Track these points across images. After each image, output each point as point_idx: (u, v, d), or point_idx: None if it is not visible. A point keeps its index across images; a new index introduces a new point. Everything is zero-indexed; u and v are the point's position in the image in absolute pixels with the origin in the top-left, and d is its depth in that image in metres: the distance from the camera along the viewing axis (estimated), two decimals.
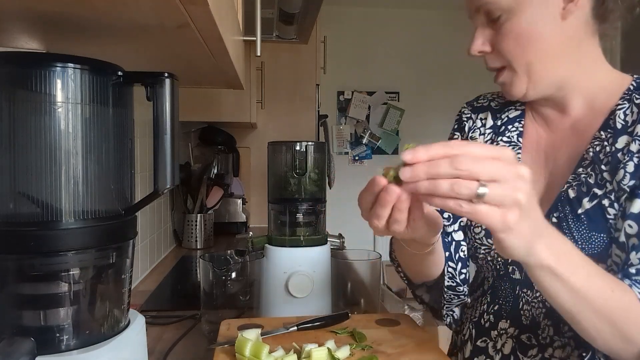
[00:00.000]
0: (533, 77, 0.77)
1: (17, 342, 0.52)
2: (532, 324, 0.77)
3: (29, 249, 0.54)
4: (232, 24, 0.91)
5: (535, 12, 0.74)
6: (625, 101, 0.76)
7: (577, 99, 0.80)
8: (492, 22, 0.77)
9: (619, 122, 0.74)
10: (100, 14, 0.61)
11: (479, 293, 0.89)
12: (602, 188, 0.72)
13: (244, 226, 2.63)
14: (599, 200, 0.72)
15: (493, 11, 0.75)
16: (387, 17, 4.49)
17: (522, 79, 0.77)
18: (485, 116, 0.92)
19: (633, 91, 0.77)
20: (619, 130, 0.74)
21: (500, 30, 0.76)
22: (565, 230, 0.73)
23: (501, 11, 0.75)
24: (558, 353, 0.74)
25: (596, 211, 0.71)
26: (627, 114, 0.74)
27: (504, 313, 0.81)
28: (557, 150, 0.81)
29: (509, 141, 0.86)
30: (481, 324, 0.84)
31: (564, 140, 0.81)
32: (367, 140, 4.54)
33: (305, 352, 0.77)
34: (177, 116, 0.62)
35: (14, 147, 0.54)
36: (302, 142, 1.09)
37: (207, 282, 1.07)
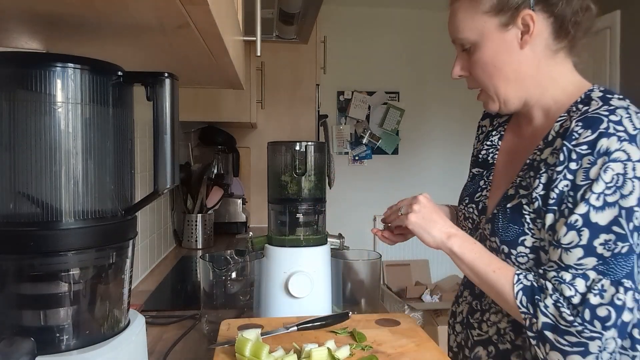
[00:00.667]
0: (501, 98, 0.90)
1: (17, 342, 0.52)
2: (480, 293, 0.95)
3: (29, 249, 0.54)
4: (232, 24, 0.91)
5: (496, 45, 0.87)
6: (566, 113, 0.85)
7: (538, 111, 0.92)
8: (465, 52, 0.91)
9: (552, 134, 0.85)
10: (100, 14, 0.61)
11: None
12: (526, 190, 0.86)
13: (244, 226, 2.63)
14: (519, 200, 0.86)
15: (464, 44, 0.90)
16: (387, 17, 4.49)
17: (494, 99, 0.91)
18: (486, 123, 1.09)
19: (577, 104, 0.85)
20: (549, 142, 0.85)
21: (471, 59, 0.90)
22: (497, 221, 0.89)
23: (469, 44, 0.89)
24: (493, 317, 0.92)
25: (516, 208, 0.86)
26: (562, 126, 0.83)
27: (468, 284, 1.01)
28: (520, 154, 0.93)
29: (491, 144, 1.03)
30: (457, 294, 1.07)
31: (525, 146, 0.93)
32: (367, 140, 4.54)
33: (305, 352, 0.77)
34: (177, 116, 0.62)
35: (14, 147, 0.54)
36: (302, 142, 1.09)
37: (207, 282, 1.07)
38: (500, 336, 0.90)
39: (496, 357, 0.90)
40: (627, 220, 0.75)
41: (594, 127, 0.77)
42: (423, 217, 0.89)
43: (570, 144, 0.79)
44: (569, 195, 0.78)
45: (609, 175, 0.75)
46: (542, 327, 0.77)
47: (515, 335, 0.88)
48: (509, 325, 0.89)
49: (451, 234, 0.88)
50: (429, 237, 0.88)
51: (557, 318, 0.76)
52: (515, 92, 0.89)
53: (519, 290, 0.80)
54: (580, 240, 0.76)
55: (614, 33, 3.38)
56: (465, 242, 0.88)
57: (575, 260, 0.77)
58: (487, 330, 0.93)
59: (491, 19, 0.86)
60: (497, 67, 0.88)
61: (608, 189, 0.75)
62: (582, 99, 0.85)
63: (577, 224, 0.76)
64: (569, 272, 0.77)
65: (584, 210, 0.76)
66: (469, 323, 0.97)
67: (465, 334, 0.98)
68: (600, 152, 0.76)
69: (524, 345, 0.86)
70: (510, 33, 0.86)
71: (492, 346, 0.91)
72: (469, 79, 0.93)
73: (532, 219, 0.84)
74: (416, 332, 0.91)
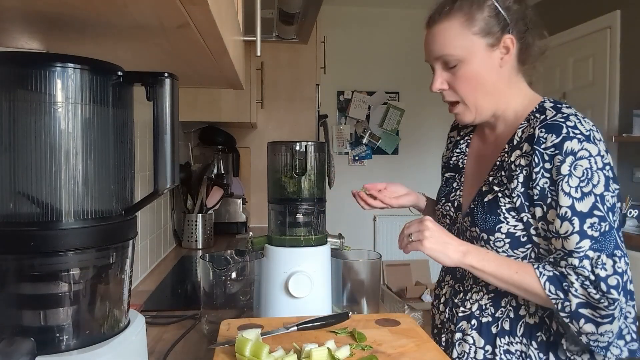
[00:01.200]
0: (478, 109, 1.04)
1: (17, 342, 0.52)
2: (461, 277, 1.12)
3: (29, 249, 0.54)
4: (232, 24, 0.91)
5: (482, 62, 1.00)
6: (526, 121, 1.01)
7: (501, 121, 1.07)
8: (449, 69, 1.02)
9: (516, 139, 1.00)
10: (100, 14, 0.61)
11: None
12: (499, 186, 1.01)
13: (244, 226, 2.63)
14: (495, 195, 1.01)
15: (450, 61, 1.01)
16: (387, 17, 4.49)
17: (472, 110, 1.04)
18: (454, 134, 1.25)
19: (534, 113, 1.01)
20: (515, 146, 1.00)
21: (455, 74, 1.02)
22: (476, 213, 1.03)
23: (456, 61, 1.00)
24: (474, 296, 1.07)
25: (494, 201, 1.01)
26: (524, 132, 0.99)
27: (449, 270, 1.17)
28: (486, 158, 1.10)
29: (460, 151, 1.19)
30: (439, 279, 1.22)
31: (490, 151, 1.10)
32: (367, 140, 4.54)
33: (305, 352, 0.77)
34: (177, 116, 0.62)
35: (14, 147, 0.54)
36: (302, 142, 1.09)
37: (207, 282, 1.07)
38: (482, 311, 1.05)
39: (477, 328, 1.05)
40: (602, 204, 0.91)
41: (557, 133, 0.93)
42: (437, 242, 0.96)
43: (540, 147, 0.94)
44: (551, 190, 0.93)
45: (579, 171, 0.91)
46: (576, 307, 0.89)
47: (494, 310, 1.04)
48: (489, 302, 1.05)
49: (466, 251, 0.97)
50: (446, 259, 0.96)
51: (587, 297, 0.89)
52: (489, 104, 1.04)
53: (546, 282, 0.92)
54: (574, 228, 0.91)
55: (614, 33, 3.38)
56: (480, 254, 0.97)
57: (575, 245, 0.91)
58: (470, 307, 1.07)
59: (480, 39, 0.99)
60: (480, 81, 1.01)
61: (582, 182, 0.91)
62: (537, 109, 1.01)
63: (567, 215, 0.91)
64: (573, 257, 0.91)
65: (569, 202, 0.91)
66: (453, 303, 1.11)
67: (450, 312, 1.12)
68: (567, 152, 0.91)
69: (502, 316, 1.03)
70: (495, 53, 1.00)
71: (475, 320, 1.06)
72: (447, 92, 1.05)
73: (507, 209, 0.99)
74: (416, 332, 0.91)
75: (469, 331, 1.06)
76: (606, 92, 3.44)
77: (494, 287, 1.02)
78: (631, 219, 2.99)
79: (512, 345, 1.01)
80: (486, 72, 1.01)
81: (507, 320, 1.02)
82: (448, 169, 1.20)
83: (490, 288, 1.04)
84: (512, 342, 1.01)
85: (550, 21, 4.39)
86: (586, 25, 3.62)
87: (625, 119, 3.26)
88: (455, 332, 1.09)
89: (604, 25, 3.46)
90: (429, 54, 1.05)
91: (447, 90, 1.05)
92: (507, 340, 1.02)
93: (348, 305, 1.12)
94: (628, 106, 3.24)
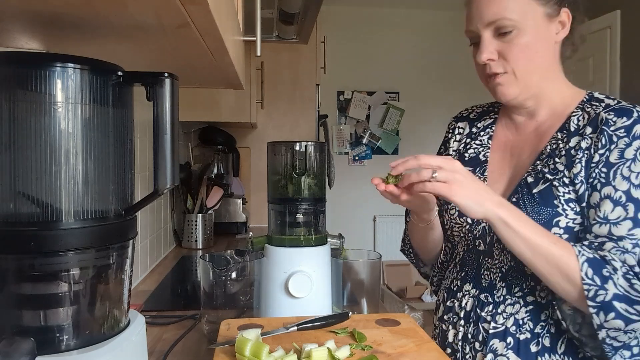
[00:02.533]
0: (527, 84, 0.95)
1: (17, 342, 0.52)
2: (489, 286, 0.98)
3: (29, 249, 0.54)
4: (232, 24, 0.91)
5: (539, 33, 0.92)
6: (579, 109, 0.95)
7: (544, 107, 0.99)
8: (501, 36, 0.93)
9: (572, 126, 0.94)
10: (100, 14, 0.61)
11: (452, 265, 1.10)
12: (553, 175, 0.92)
13: (244, 226, 2.63)
14: (550, 184, 0.91)
15: (506, 26, 0.92)
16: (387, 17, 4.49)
17: (520, 83, 0.95)
18: (464, 125, 1.14)
19: (585, 102, 0.96)
20: (572, 132, 0.94)
21: (510, 42, 0.92)
22: (523, 207, 0.92)
23: (512, 27, 0.91)
24: (509, 309, 0.94)
25: (547, 191, 0.91)
26: (580, 119, 0.94)
27: (469, 278, 1.02)
28: (522, 149, 1.01)
29: (481, 144, 1.08)
30: (451, 288, 1.06)
31: (527, 141, 1.01)
32: (367, 140, 4.55)
33: (305, 352, 0.77)
34: (177, 116, 0.62)
35: (14, 147, 0.54)
36: (302, 142, 1.09)
37: (207, 282, 1.07)
38: (519, 327, 0.93)
39: (515, 347, 0.92)
40: None
41: (628, 115, 0.88)
42: (469, 188, 0.83)
43: (609, 129, 0.88)
44: (601, 172, 0.87)
45: None
46: (612, 298, 0.81)
47: (533, 325, 0.92)
48: (527, 315, 0.93)
49: (500, 202, 0.85)
50: (479, 208, 0.83)
51: (629, 290, 0.81)
52: (538, 81, 0.95)
53: (584, 262, 0.82)
54: (627, 214, 0.84)
55: (614, 33, 3.38)
56: (516, 211, 0.86)
57: (627, 232, 0.84)
58: (503, 322, 0.94)
59: (539, 7, 0.92)
60: (535, 53, 0.93)
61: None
62: (589, 99, 0.96)
63: (622, 200, 0.85)
64: (625, 241, 0.83)
65: (626, 187, 0.85)
66: (479, 317, 0.97)
67: (474, 328, 0.97)
68: (636, 136, 0.87)
69: (542, 332, 0.92)
70: (552, 25, 0.93)
71: (510, 337, 0.93)
72: (495, 63, 0.94)
73: (565, 200, 0.89)
74: (416, 332, 0.91)
75: (504, 351, 0.93)
76: (606, 92, 3.44)
77: (533, 297, 0.93)
78: None
79: None
80: (542, 45, 0.93)
81: (548, 336, 0.91)
82: (462, 163, 1.02)
83: (529, 299, 0.93)
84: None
85: None
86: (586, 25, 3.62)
87: None
88: (485, 353, 0.95)
89: (604, 25, 3.46)
90: (480, 19, 0.94)
91: (496, 61, 0.94)
92: (548, 359, 0.91)
93: (348, 305, 1.12)
94: None
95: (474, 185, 0.84)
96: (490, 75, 0.96)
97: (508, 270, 0.95)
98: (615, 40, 3.38)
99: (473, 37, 0.97)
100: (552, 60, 0.96)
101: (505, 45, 0.93)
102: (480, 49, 0.94)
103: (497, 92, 0.97)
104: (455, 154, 1.11)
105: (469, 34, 0.98)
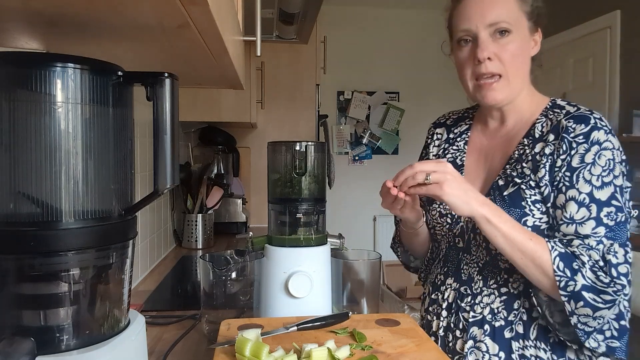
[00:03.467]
0: (514, 89, 1.03)
1: (17, 342, 0.52)
2: (468, 279, 1.07)
3: (29, 249, 0.54)
4: (232, 24, 0.91)
5: (524, 43, 1.03)
6: (543, 116, 1.04)
7: (513, 114, 1.08)
8: (498, 38, 1.00)
9: (537, 132, 1.02)
10: (100, 14, 0.61)
11: (436, 262, 1.19)
12: (521, 178, 1.00)
13: (244, 226, 2.63)
14: (518, 187, 1.00)
15: (505, 29, 1.00)
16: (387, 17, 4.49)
17: (511, 87, 1.02)
18: (442, 131, 1.23)
19: (548, 109, 1.04)
20: (537, 138, 1.02)
21: (505, 46, 1.00)
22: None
23: (509, 32, 1.00)
24: (485, 299, 1.04)
25: (516, 194, 1.00)
26: (544, 126, 1.02)
27: (450, 272, 1.11)
28: (494, 153, 1.10)
29: (457, 149, 1.16)
30: (435, 282, 1.15)
31: (498, 146, 1.10)
32: (367, 140, 4.55)
33: (305, 352, 0.77)
34: (177, 116, 0.62)
35: (14, 147, 0.54)
36: (302, 142, 1.09)
37: (207, 282, 1.07)
38: (494, 315, 1.02)
39: (491, 334, 1.02)
40: (620, 195, 0.94)
41: (586, 123, 0.96)
42: (459, 187, 0.92)
43: (569, 136, 0.96)
44: (565, 175, 0.95)
45: (602, 160, 0.94)
46: (580, 289, 0.90)
47: (507, 313, 1.02)
48: (501, 305, 1.02)
49: (484, 201, 0.94)
50: (465, 206, 0.92)
51: (596, 281, 0.90)
52: (520, 86, 1.04)
53: (556, 256, 0.91)
54: (591, 214, 0.93)
55: (614, 33, 3.38)
56: (498, 210, 0.94)
57: (591, 231, 0.92)
58: (480, 311, 1.04)
59: (527, 20, 1.03)
60: (523, 60, 1.03)
61: (604, 172, 0.93)
62: (552, 106, 1.05)
63: (585, 201, 0.93)
64: (589, 239, 0.92)
65: (588, 189, 0.93)
66: (459, 307, 1.07)
67: (455, 318, 1.07)
68: (593, 142, 0.95)
69: (515, 320, 1.01)
70: (531, 39, 1.04)
71: (487, 324, 1.02)
72: (491, 63, 1.00)
73: (532, 201, 0.98)
74: (416, 332, 0.91)
75: (482, 337, 1.02)
76: (606, 92, 3.44)
77: (506, 289, 1.02)
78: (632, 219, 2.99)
79: (526, 350, 0.99)
80: (525, 54, 1.03)
81: (520, 324, 1.00)
82: None
83: (503, 290, 1.02)
84: (527, 346, 0.99)
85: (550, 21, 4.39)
86: (586, 25, 3.62)
87: (625, 119, 3.26)
88: (465, 339, 1.04)
89: (604, 25, 3.46)
90: (483, 19, 1.00)
91: (493, 62, 1.00)
92: (521, 344, 1.00)
93: (348, 305, 1.12)
94: (628, 106, 3.24)
95: (462, 186, 0.92)
96: (483, 75, 1.01)
97: (484, 265, 1.05)
98: (615, 40, 3.38)
99: (466, 36, 1.03)
100: (527, 71, 1.05)
101: (500, 48, 1.00)
102: (480, 47, 1.00)
103: (487, 96, 1.03)
104: (434, 159, 1.19)
105: (464, 33, 1.03)
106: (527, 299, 1.00)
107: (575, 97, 3.75)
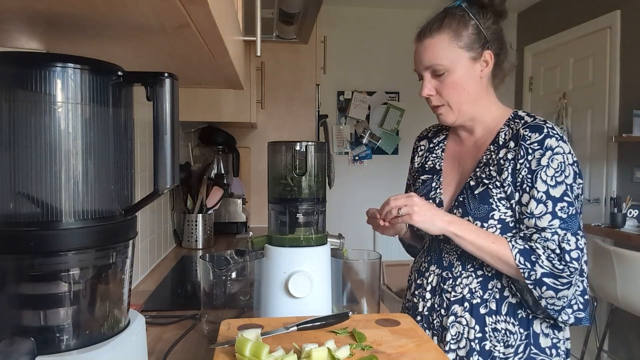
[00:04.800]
0: (460, 112, 1.21)
1: (17, 342, 0.52)
2: (449, 265, 1.23)
3: (29, 249, 0.54)
4: (232, 24, 0.91)
5: (466, 73, 1.17)
6: (505, 126, 1.20)
7: (480, 125, 1.25)
8: (437, 77, 1.19)
9: (500, 140, 1.19)
10: (100, 14, 0.61)
11: (421, 252, 1.36)
12: (489, 180, 1.17)
13: (244, 226, 2.63)
14: (485, 187, 1.17)
15: (439, 70, 1.17)
16: (387, 17, 4.49)
17: (454, 112, 1.21)
18: (425, 143, 1.42)
19: (510, 120, 1.21)
20: (501, 145, 1.18)
21: (443, 82, 1.18)
22: (467, 204, 1.18)
23: (444, 70, 1.17)
24: (464, 281, 1.19)
25: (485, 192, 1.16)
26: (506, 134, 1.19)
27: (433, 260, 1.28)
28: (466, 159, 1.27)
29: (436, 156, 1.35)
30: (420, 269, 1.32)
31: (469, 152, 1.27)
32: (367, 140, 4.54)
33: (305, 352, 0.77)
34: (177, 116, 0.62)
35: (14, 147, 0.54)
36: (302, 142, 1.09)
37: (207, 282, 1.07)
38: (472, 294, 1.18)
39: (469, 310, 1.17)
40: (570, 192, 1.10)
41: (540, 132, 1.12)
42: (425, 214, 1.11)
43: (525, 143, 1.13)
44: (527, 178, 1.11)
45: (555, 163, 1.10)
46: (541, 276, 1.06)
47: (483, 292, 1.17)
48: (478, 285, 1.18)
49: (450, 220, 1.12)
50: (434, 228, 1.11)
51: (553, 268, 1.06)
52: (470, 109, 1.21)
53: (517, 253, 1.08)
54: (547, 209, 1.09)
55: (614, 33, 3.38)
56: (463, 224, 1.12)
57: (547, 223, 1.09)
58: (461, 291, 1.19)
59: (464, 52, 1.16)
60: (463, 89, 1.18)
61: (556, 173, 1.10)
62: (514, 116, 1.21)
63: (542, 198, 1.10)
64: (546, 232, 1.09)
65: (545, 188, 1.10)
66: (442, 289, 1.23)
67: (439, 299, 1.23)
68: (547, 148, 1.11)
69: (489, 298, 1.17)
70: (476, 65, 1.18)
71: (467, 302, 1.18)
72: (434, 98, 1.21)
73: (498, 199, 1.15)
74: (416, 332, 0.91)
75: (462, 313, 1.18)
76: (606, 92, 3.44)
77: (482, 272, 1.18)
78: (631, 219, 2.99)
79: (498, 324, 1.15)
80: (469, 81, 1.18)
81: (494, 301, 1.16)
82: (424, 172, 1.35)
83: (479, 273, 1.18)
84: (499, 321, 1.15)
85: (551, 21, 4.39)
86: (586, 25, 3.62)
87: (625, 119, 3.26)
88: (448, 316, 1.20)
89: (604, 25, 3.46)
90: (420, 64, 1.21)
91: (434, 96, 1.21)
92: (494, 319, 1.15)
93: (348, 305, 1.12)
94: (628, 106, 3.24)
95: (428, 212, 1.11)
96: (433, 107, 1.23)
97: (462, 252, 1.19)
98: (615, 40, 3.38)
99: (419, 75, 1.23)
100: (479, 91, 1.19)
101: (440, 84, 1.18)
102: (421, 87, 1.21)
103: (439, 119, 1.25)
104: (418, 167, 1.38)
105: (416, 73, 1.24)
106: (499, 280, 1.16)
107: (575, 97, 3.75)
